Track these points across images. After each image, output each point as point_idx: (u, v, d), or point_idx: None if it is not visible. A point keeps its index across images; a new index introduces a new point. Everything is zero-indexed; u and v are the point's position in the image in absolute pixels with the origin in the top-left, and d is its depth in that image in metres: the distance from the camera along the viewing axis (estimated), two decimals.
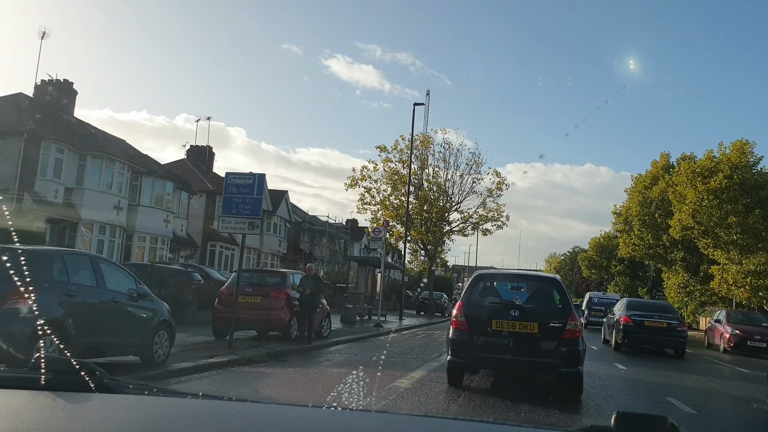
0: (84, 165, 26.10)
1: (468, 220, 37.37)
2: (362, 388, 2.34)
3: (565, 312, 8.18)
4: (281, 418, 1.50)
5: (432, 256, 37.09)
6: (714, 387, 11.83)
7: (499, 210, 37.23)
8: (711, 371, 15.03)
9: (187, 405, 1.61)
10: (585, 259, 76.45)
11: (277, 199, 41.86)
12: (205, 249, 35.66)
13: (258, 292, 13.94)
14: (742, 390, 11.40)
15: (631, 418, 1.31)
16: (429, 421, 1.77)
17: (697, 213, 31.45)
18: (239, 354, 11.08)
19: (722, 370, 15.95)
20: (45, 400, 1.43)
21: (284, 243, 44.37)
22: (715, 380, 12.94)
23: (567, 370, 7.97)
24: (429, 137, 36.51)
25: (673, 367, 14.35)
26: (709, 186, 30.78)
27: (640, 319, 17.90)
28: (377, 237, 22.78)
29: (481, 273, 9.55)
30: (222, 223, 12.41)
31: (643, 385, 10.95)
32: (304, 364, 11.30)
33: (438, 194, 36.10)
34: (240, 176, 12.33)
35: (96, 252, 26.36)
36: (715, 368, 16.06)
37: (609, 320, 20.53)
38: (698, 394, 10.71)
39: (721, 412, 9.52)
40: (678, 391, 10.26)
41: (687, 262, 42.37)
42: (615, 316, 19.22)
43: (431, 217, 35.76)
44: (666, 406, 8.62)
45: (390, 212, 35.38)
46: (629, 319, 17.94)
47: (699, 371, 14.56)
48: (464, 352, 8.14)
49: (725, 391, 11.31)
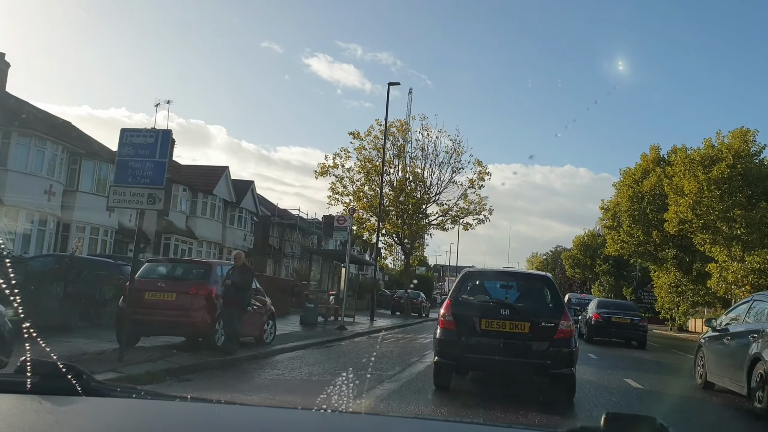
0: (8, 143, 22.76)
1: (447, 213, 34.51)
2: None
3: (557, 311, 7.93)
4: (271, 420, 1.53)
5: (408, 252, 34.12)
6: (665, 370, 14.44)
7: (480, 203, 34.42)
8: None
9: (176, 408, 1.61)
10: (569, 257, 74.09)
11: (242, 189, 38.63)
12: (159, 242, 32.33)
13: (173, 287, 10.90)
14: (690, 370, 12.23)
15: (620, 419, 1.32)
16: (420, 423, 1.81)
17: (697, 205, 28.88)
18: (123, 372, 8.04)
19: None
20: (31, 404, 1.41)
21: (250, 237, 41.15)
22: (669, 366, 15.53)
23: (559, 371, 7.69)
24: (406, 123, 33.58)
25: (636, 356, 16.54)
26: (710, 175, 28.25)
27: (608, 316, 21.07)
28: (342, 226, 19.80)
29: (470, 271, 9.35)
30: (113, 196, 9.32)
31: (610, 370, 12.52)
32: (214, 384, 8.27)
33: (415, 184, 33.14)
34: (138, 133, 9.27)
35: (22, 243, 23.04)
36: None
37: (583, 317, 23.20)
38: (650, 375, 12.55)
39: (661, 386, 11.02)
40: (634, 374, 11.99)
41: (679, 260, 39.93)
42: (588, 314, 22.30)
43: (407, 209, 32.79)
44: (622, 384, 10.44)
45: (363, 203, 32.38)
46: (599, 316, 21.10)
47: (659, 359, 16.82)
48: (452, 353, 7.86)
49: (675, 373, 13.63)
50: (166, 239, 32.58)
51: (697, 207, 29.04)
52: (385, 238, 34.26)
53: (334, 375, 9.11)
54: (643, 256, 44.09)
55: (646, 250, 42.23)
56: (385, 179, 33.38)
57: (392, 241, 34.38)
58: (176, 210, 33.32)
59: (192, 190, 34.68)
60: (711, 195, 28.47)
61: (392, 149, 33.36)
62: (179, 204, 33.50)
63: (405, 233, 33.24)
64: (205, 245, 35.48)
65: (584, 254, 71.60)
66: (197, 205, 35.05)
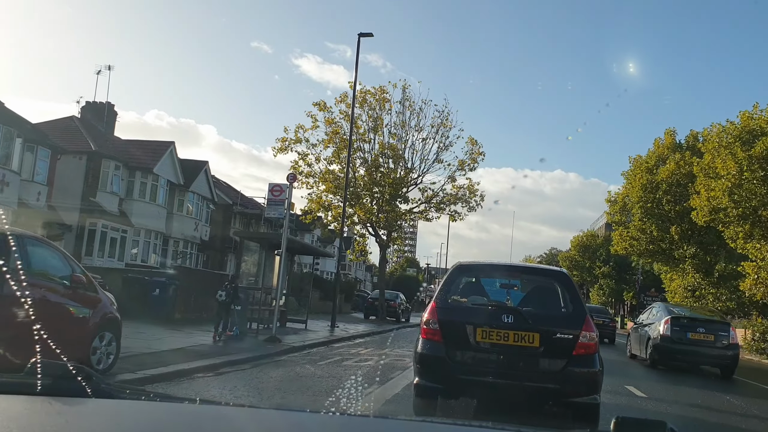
0: None
1: (432, 200, 28.99)
2: None
3: (576, 318, 6.02)
4: (279, 423, 1.52)
5: (384, 244, 28.60)
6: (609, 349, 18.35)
7: (471, 188, 28.92)
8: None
9: (185, 410, 1.61)
10: (566, 259, 68.97)
11: (192, 170, 32.98)
12: (83, 228, 26.69)
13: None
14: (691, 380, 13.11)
15: (630, 423, 1.33)
16: (427, 426, 1.77)
17: (736, 189, 23.59)
18: None
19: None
20: (41, 406, 1.42)
21: (205, 228, 35.56)
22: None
23: (579, 399, 5.80)
24: (385, 90, 28.03)
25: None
26: (752, 153, 22.99)
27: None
28: (277, 199, 14.31)
29: (462, 264, 7.00)
30: None
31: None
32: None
33: (394, 162, 27.57)
34: None
35: None
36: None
37: None
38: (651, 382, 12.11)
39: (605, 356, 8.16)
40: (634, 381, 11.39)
41: (699, 260, 34.68)
42: None
43: (384, 192, 27.24)
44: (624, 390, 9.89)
45: (330, 184, 26.82)
46: None
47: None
48: (437, 373, 5.98)
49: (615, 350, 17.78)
50: (92, 224, 26.93)
51: (736, 191, 23.75)
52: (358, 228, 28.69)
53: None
54: (654, 256, 38.77)
55: (659, 248, 36.96)
56: (357, 156, 27.89)
57: (366, 231, 28.80)
58: (106, 190, 27.69)
59: (128, 168, 29.05)
60: (753, 177, 23.22)
61: (368, 121, 27.88)
62: (110, 183, 27.87)
63: (380, 222, 27.69)
64: (144, 234, 29.82)
65: (583, 256, 66.62)
66: (134, 186, 29.41)
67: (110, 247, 27.67)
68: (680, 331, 14.71)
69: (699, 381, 13.04)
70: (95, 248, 26.77)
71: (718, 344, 14.61)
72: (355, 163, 28.02)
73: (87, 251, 26.54)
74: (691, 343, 14.63)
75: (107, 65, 32.88)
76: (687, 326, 14.96)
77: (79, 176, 27.04)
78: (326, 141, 26.90)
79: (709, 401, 10.08)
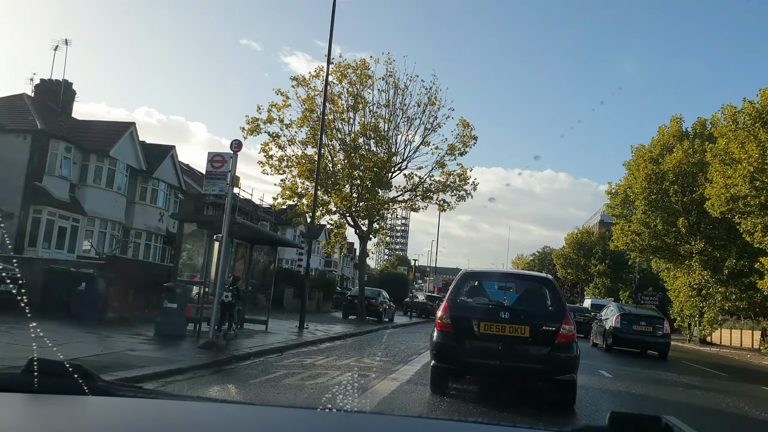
0: None
1: (418, 187, 26.23)
2: None
3: (558, 314, 7.67)
4: (277, 419, 1.51)
5: (365, 236, 25.80)
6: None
7: (462, 175, 26.18)
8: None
9: (183, 407, 1.60)
10: (560, 256, 66.34)
11: (157, 155, 30.04)
12: (27, 217, 23.76)
13: None
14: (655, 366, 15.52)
15: (625, 418, 1.35)
16: (424, 422, 1.80)
17: (758, 174, 21.00)
18: None
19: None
20: (39, 404, 1.40)
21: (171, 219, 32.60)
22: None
23: (560, 377, 7.53)
24: (368, 65, 25.20)
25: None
26: None
27: None
28: (217, 172, 11.50)
29: (468, 271, 9.07)
30: None
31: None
32: None
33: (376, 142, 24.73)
34: None
35: None
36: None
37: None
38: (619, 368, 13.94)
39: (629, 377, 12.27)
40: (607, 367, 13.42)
41: (707, 256, 32.13)
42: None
43: (365, 177, 24.42)
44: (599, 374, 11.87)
45: (303, 167, 23.98)
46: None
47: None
48: (450, 357, 7.70)
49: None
50: (37, 212, 24.00)
51: (758, 177, 21.17)
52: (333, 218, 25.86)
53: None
54: (658, 252, 36.22)
55: (664, 244, 34.42)
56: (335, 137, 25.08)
57: (345, 221, 25.95)
58: (54, 174, 24.75)
59: (81, 151, 26.12)
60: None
61: (348, 99, 25.06)
62: (59, 166, 24.92)
63: (360, 211, 24.88)
64: (99, 224, 26.87)
65: (577, 253, 64.03)
66: (88, 171, 26.46)
67: (58, 238, 24.74)
68: (628, 324, 18.97)
69: (647, 361, 16.77)
70: (39, 239, 23.86)
71: (656, 334, 18.97)
72: (334, 147, 25.28)
73: (30, 242, 23.64)
74: (636, 333, 18.97)
75: (64, 39, 29.85)
76: (633, 320, 19.15)
77: (22, 158, 24.10)
78: (300, 120, 24.05)
79: (662, 378, 13.22)
